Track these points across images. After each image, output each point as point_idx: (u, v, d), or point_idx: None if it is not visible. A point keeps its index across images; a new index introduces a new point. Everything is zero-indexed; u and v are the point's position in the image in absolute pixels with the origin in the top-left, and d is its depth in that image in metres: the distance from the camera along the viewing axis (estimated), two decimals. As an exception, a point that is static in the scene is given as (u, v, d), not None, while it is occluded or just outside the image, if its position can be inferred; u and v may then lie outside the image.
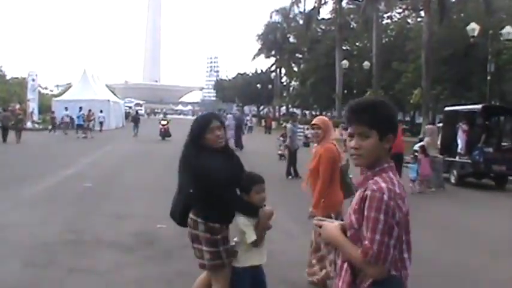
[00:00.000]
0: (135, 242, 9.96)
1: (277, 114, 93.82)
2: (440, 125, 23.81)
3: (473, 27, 33.35)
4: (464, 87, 44.84)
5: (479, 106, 20.77)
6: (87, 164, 22.80)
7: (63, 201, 14.03)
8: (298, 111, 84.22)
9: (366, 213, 2.83)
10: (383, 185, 2.84)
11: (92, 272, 8.08)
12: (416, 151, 19.95)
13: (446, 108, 23.10)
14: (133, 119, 50.32)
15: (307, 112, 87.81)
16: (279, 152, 26.69)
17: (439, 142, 21.16)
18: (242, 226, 5.04)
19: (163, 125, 42.26)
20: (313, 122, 7.32)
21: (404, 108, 59.94)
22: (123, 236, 10.38)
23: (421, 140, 25.90)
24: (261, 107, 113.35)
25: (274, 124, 74.57)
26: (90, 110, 48.08)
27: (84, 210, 12.87)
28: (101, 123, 53.23)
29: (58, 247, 9.37)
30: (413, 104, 46.57)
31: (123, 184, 17.75)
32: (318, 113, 76.64)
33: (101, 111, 53.46)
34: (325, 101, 70.12)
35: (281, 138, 26.06)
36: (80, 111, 46.65)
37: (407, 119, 63.63)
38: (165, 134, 41.44)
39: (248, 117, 73.23)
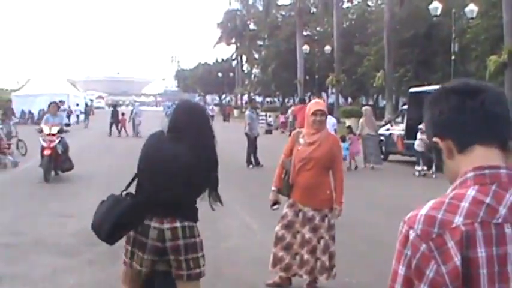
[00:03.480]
0: (77, 244, 8.83)
1: (239, 102, 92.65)
2: (405, 107, 22.78)
3: (436, 6, 32.46)
4: (427, 69, 44.29)
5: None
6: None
7: (8, 200, 12.94)
8: (259, 98, 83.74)
9: None
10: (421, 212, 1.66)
11: (25, 278, 7.24)
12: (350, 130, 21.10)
13: (412, 90, 22.09)
14: (85, 110, 50.89)
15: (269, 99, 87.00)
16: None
17: (404, 125, 20.65)
18: None
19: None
20: (317, 108, 6.51)
21: (367, 92, 59.36)
22: (64, 237, 9.33)
23: (386, 124, 25.34)
24: (223, 96, 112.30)
25: (236, 112, 74.09)
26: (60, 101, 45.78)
27: (30, 210, 11.70)
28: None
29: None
30: (376, 87, 45.95)
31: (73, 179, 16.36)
32: (280, 100, 75.99)
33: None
34: (287, 87, 69.09)
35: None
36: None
37: (371, 102, 62.93)
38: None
39: (210, 107, 72.47)
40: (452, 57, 30.47)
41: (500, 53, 26.87)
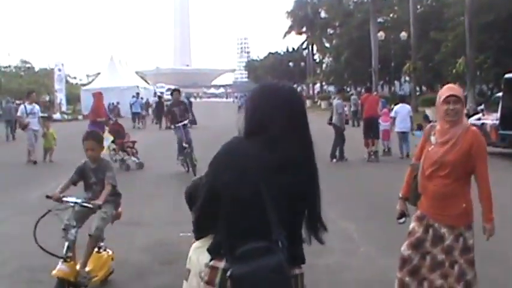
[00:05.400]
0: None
1: (311, 92, 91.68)
2: (499, 94, 21.55)
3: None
4: (509, 55, 42.46)
5: None
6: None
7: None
8: (331, 88, 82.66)
9: None
10: None
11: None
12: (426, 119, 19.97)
13: (507, 76, 20.69)
14: (156, 106, 43.87)
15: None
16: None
17: (498, 114, 19.33)
18: None
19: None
20: (450, 93, 5.07)
21: (444, 80, 57.72)
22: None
23: (470, 113, 24.20)
24: (295, 86, 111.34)
25: (308, 102, 73.28)
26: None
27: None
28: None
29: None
30: (454, 74, 44.42)
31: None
32: (358, 89, 74.80)
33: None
34: (361, 76, 67.83)
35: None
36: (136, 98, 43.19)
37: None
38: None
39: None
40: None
41: None
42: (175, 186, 13.41)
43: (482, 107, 26.71)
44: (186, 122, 16.71)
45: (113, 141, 17.27)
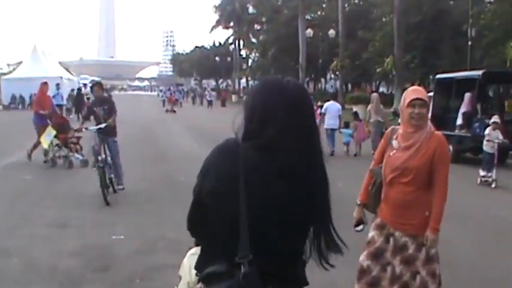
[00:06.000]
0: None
1: (236, 87, 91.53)
2: (430, 94, 21.69)
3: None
4: (434, 55, 43.46)
5: (479, 72, 18.53)
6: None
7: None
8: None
9: None
10: None
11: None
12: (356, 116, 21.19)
13: (439, 76, 20.83)
14: (75, 101, 39.39)
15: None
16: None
17: (430, 114, 19.02)
18: None
19: None
20: (415, 97, 4.73)
21: (370, 78, 58.44)
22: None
23: (394, 111, 24.73)
24: (220, 81, 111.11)
25: (234, 98, 73.24)
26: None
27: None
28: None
29: None
30: (379, 73, 45.01)
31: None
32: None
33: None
34: (288, 73, 67.92)
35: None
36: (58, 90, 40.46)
37: (374, 89, 62.09)
38: None
39: (207, 92, 71.50)
40: (469, 43, 29.16)
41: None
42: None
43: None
44: (102, 126, 11.81)
45: (55, 136, 15.94)
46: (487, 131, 14.64)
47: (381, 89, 61.57)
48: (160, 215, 9.72)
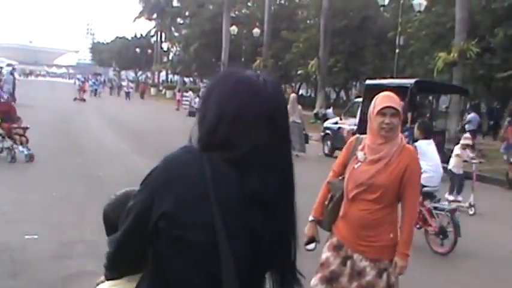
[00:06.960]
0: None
1: (156, 80, 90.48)
2: (358, 100, 21.36)
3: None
4: (358, 61, 43.92)
5: (411, 81, 18.44)
6: None
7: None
8: (177, 78, 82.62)
9: None
10: None
11: None
12: None
13: (368, 82, 20.53)
14: None
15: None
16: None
17: (356, 120, 19.00)
18: None
19: None
20: (387, 104, 4.12)
21: (291, 80, 58.28)
22: None
23: (316, 114, 24.59)
24: (140, 73, 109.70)
25: (153, 90, 72.29)
26: None
27: None
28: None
29: None
30: (301, 75, 44.89)
31: None
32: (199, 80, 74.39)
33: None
34: (209, 69, 67.46)
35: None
36: None
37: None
38: None
39: (124, 83, 69.80)
40: (397, 51, 28.94)
41: (443, 51, 25.61)
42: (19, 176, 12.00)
43: (330, 110, 26.98)
44: None
45: None
46: (457, 151, 13.54)
47: (300, 91, 61.59)
48: (78, 214, 8.97)
